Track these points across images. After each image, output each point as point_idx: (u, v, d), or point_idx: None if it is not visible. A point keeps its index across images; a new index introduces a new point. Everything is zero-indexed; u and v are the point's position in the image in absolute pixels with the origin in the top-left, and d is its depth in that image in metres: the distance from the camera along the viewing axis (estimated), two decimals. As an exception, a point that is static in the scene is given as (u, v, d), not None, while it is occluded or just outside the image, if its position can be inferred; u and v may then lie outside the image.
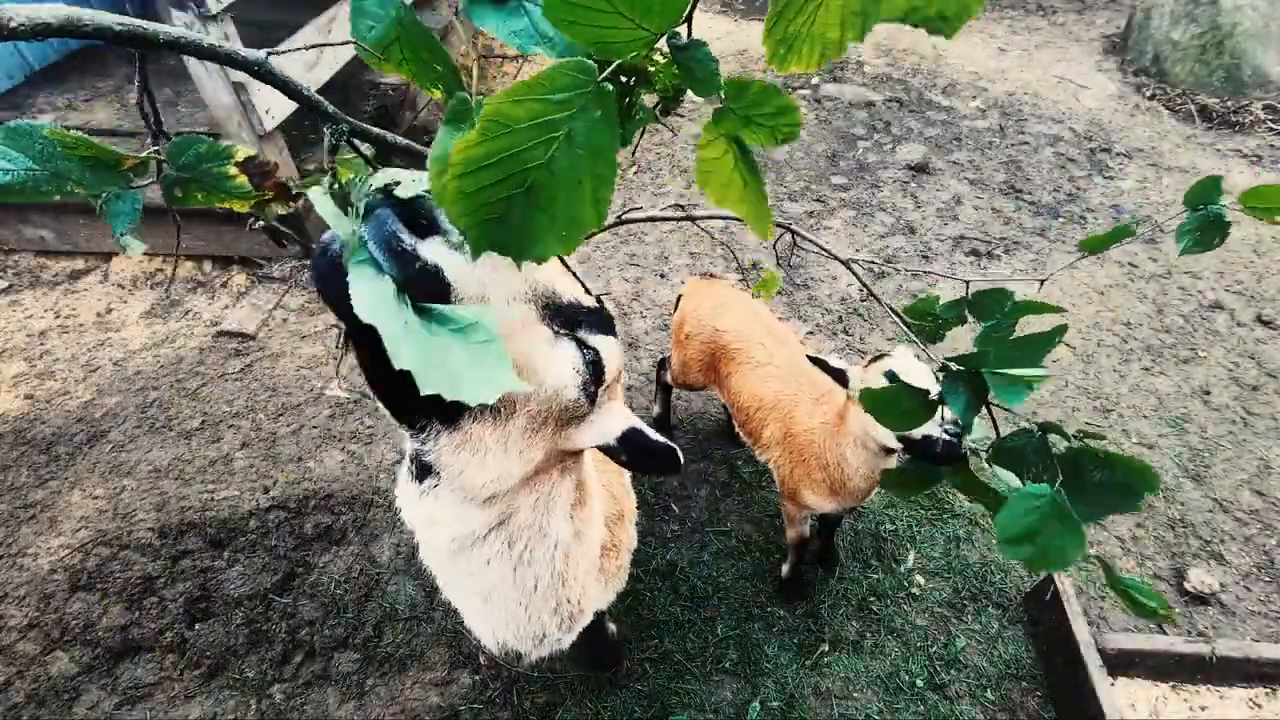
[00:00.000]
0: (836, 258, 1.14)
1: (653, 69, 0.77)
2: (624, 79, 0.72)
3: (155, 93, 0.86)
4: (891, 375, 1.88)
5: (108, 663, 2.54)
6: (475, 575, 1.27)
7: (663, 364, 3.08)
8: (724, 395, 2.70)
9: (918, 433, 1.77)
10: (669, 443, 1.15)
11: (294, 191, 0.92)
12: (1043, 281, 1.23)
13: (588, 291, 1.08)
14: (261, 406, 3.44)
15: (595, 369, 1.05)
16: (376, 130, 0.98)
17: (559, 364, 1.02)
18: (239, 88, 3.52)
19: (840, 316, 3.94)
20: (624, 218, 1.19)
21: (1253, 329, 3.85)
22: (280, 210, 0.93)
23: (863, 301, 4.03)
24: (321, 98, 0.93)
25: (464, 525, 1.18)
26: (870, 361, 2.03)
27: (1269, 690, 2.36)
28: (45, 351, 3.72)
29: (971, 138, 5.42)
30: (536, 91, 0.62)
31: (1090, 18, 7.23)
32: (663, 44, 0.67)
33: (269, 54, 0.86)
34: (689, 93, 0.81)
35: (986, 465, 0.98)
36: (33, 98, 4.58)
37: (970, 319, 1.07)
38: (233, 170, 0.86)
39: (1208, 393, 3.51)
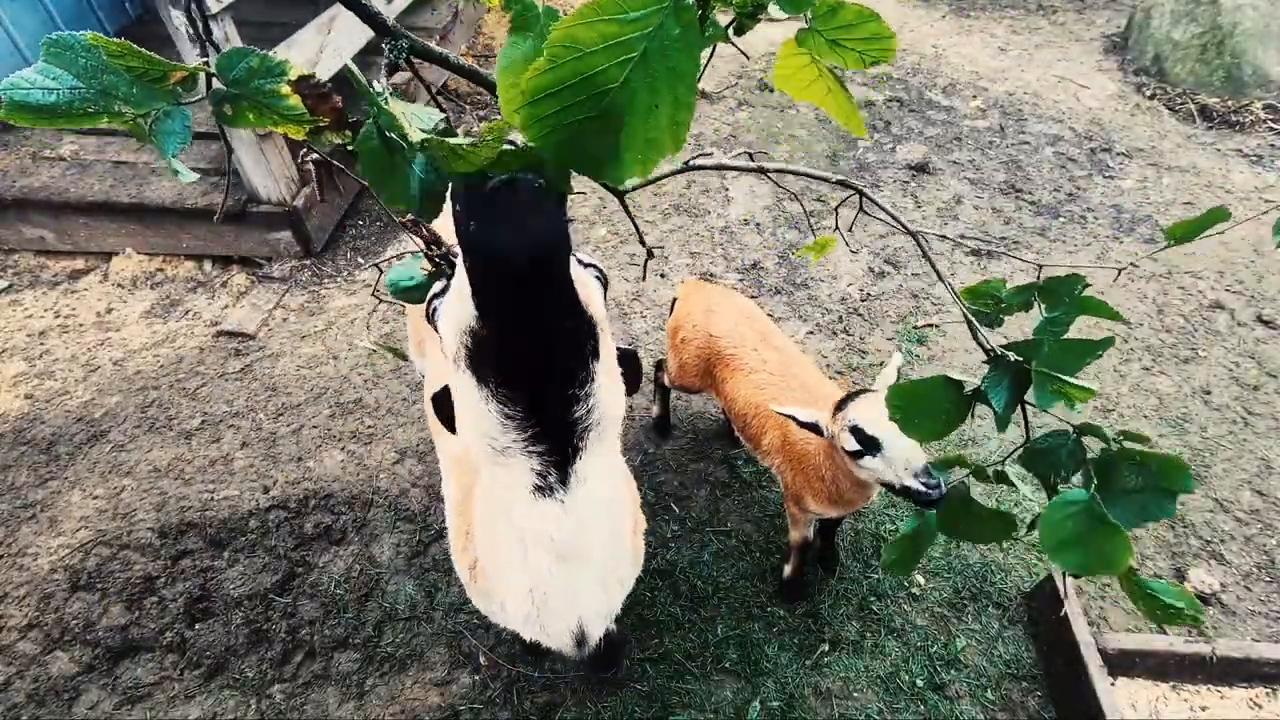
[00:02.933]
0: (905, 227, 1.06)
1: None
2: None
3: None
4: (856, 430, 1.90)
5: (108, 663, 2.54)
6: (607, 546, 1.35)
7: (661, 365, 3.07)
8: (721, 399, 2.70)
9: (898, 483, 1.83)
10: (631, 351, 1.25)
11: (351, 120, 0.86)
12: (1120, 270, 1.16)
13: (643, 243, 1.17)
14: (261, 406, 3.44)
15: (605, 283, 1.16)
16: (439, 50, 0.92)
17: (593, 281, 1.10)
18: (239, 87, 3.52)
19: (840, 316, 3.94)
20: (692, 163, 1.15)
21: (1253, 329, 3.85)
22: (335, 139, 0.88)
23: (862, 301, 4.03)
24: (383, 13, 0.88)
25: (611, 488, 1.26)
26: (836, 409, 2.02)
27: (1269, 690, 2.36)
28: (45, 351, 3.72)
29: (971, 137, 5.42)
30: (609, 11, 0.58)
31: (1090, 17, 7.22)
32: None
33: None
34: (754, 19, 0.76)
35: (1000, 480, 0.98)
36: (33, 97, 4.58)
37: (1035, 306, 0.97)
38: (285, 89, 0.80)
39: (1208, 393, 3.51)
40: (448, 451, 1.87)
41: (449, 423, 1.18)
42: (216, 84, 0.81)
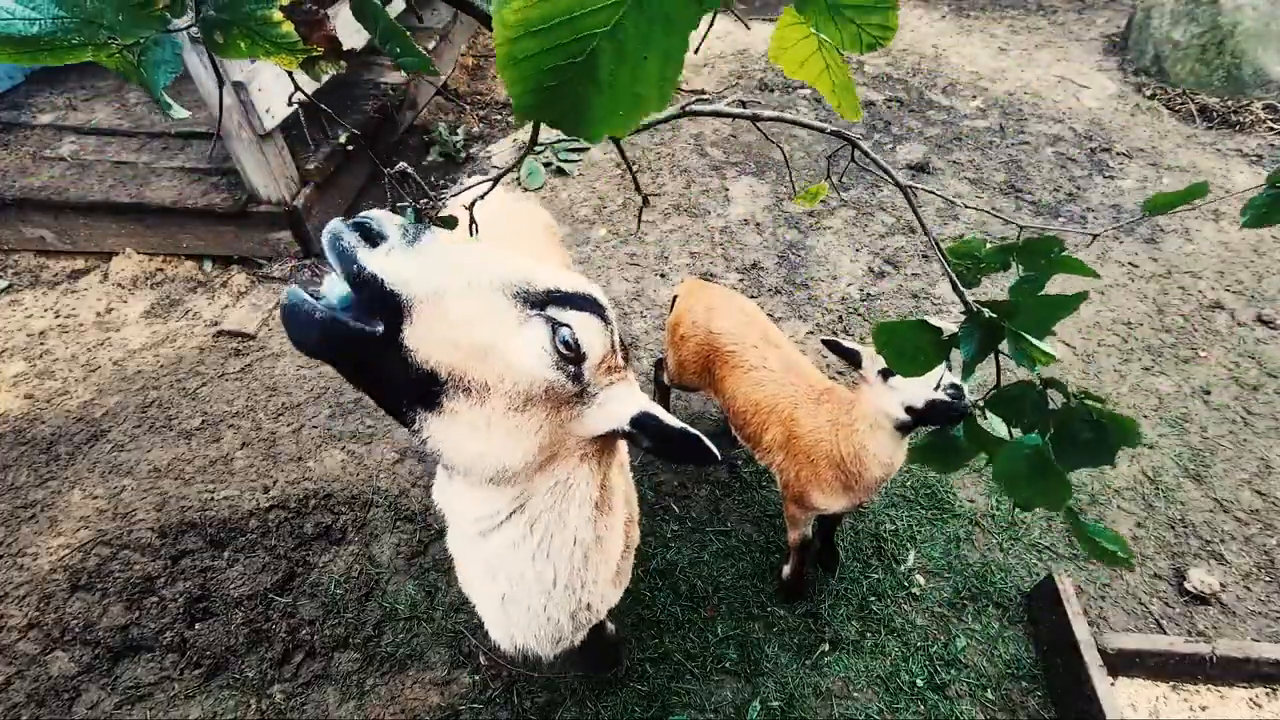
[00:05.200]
0: (894, 179, 1.07)
1: None
2: None
3: (155, 93, 0.82)
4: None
5: (108, 663, 2.54)
6: (498, 561, 1.30)
7: (660, 364, 3.07)
8: (719, 398, 2.70)
9: (921, 400, 1.89)
10: (687, 428, 1.16)
11: (346, 49, 0.83)
12: (1095, 237, 1.18)
13: (639, 190, 1.15)
14: (261, 406, 3.44)
15: (570, 346, 1.09)
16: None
17: (527, 344, 1.07)
18: (239, 87, 3.52)
19: (840, 316, 3.94)
20: (687, 109, 1.10)
21: (1253, 329, 3.85)
22: (330, 70, 0.84)
23: (862, 301, 4.03)
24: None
25: (483, 506, 1.23)
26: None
27: (1269, 690, 2.36)
28: (45, 351, 3.72)
29: (971, 137, 5.42)
30: None
31: (1090, 17, 7.22)
32: None
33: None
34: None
35: (983, 417, 1.01)
36: (33, 97, 4.58)
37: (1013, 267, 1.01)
38: (277, 15, 0.76)
39: (1208, 393, 3.51)
40: None
41: None
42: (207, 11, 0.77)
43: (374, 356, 1.02)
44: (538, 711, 2.44)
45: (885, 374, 2.03)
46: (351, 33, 4.27)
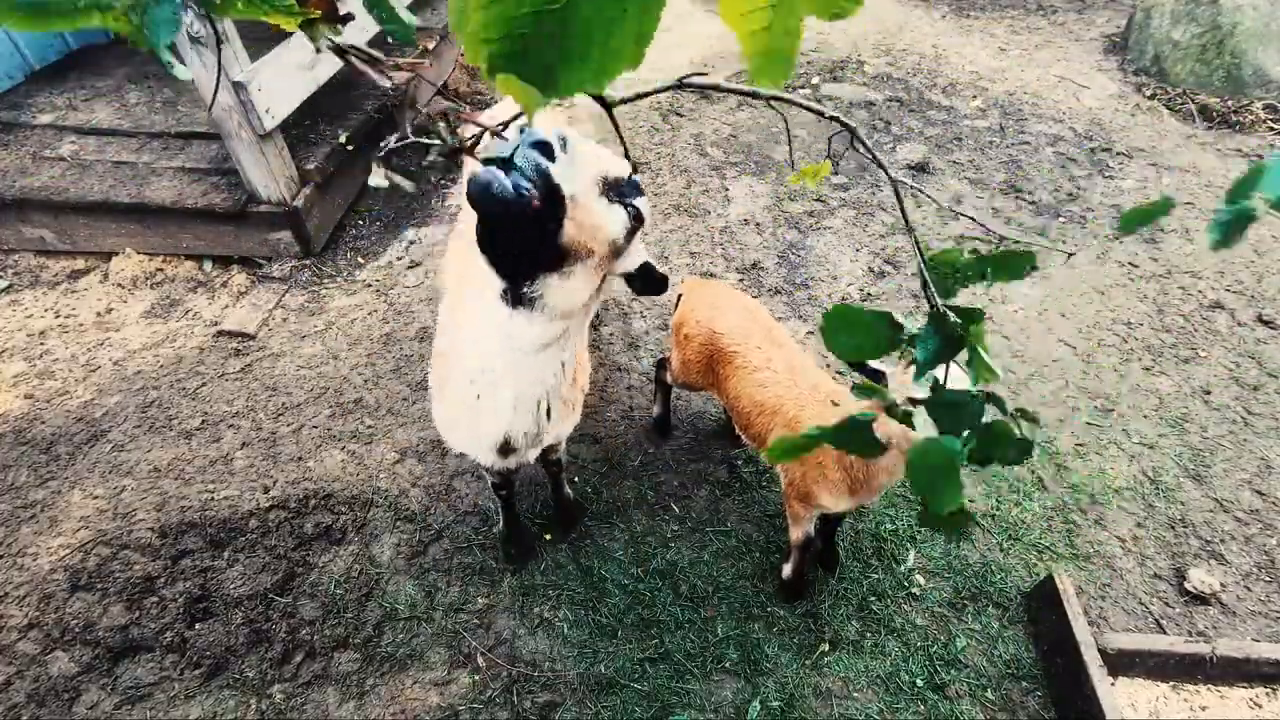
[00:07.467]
0: (885, 168, 1.06)
1: None
2: None
3: (155, 93, 0.82)
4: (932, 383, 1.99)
5: (108, 663, 2.54)
6: (535, 367, 1.82)
7: (662, 364, 3.07)
8: (722, 398, 2.70)
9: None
10: (665, 275, 1.75)
11: (344, 15, 0.83)
12: (1070, 255, 1.18)
13: (628, 157, 1.44)
14: (261, 406, 3.44)
15: (637, 219, 1.60)
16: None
17: (615, 221, 1.56)
18: (239, 87, 3.52)
19: (840, 316, 3.94)
20: (685, 81, 1.10)
21: (1253, 329, 3.85)
22: (328, 34, 0.84)
23: (863, 301, 4.03)
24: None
25: (549, 334, 1.72)
26: (910, 362, 2.02)
27: (1269, 690, 2.36)
28: (45, 351, 3.72)
29: (971, 137, 5.42)
30: None
31: (1090, 17, 7.23)
32: None
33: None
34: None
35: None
36: (33, 97, 4.58)
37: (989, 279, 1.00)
38: None
39: (1208, 392, 3.51)
40: (440, 320, 2.39)
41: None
42: None
43: (533, 233, 1.43)
44: (537, 711, 2.44)
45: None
46: (356, 30, 4.27)
